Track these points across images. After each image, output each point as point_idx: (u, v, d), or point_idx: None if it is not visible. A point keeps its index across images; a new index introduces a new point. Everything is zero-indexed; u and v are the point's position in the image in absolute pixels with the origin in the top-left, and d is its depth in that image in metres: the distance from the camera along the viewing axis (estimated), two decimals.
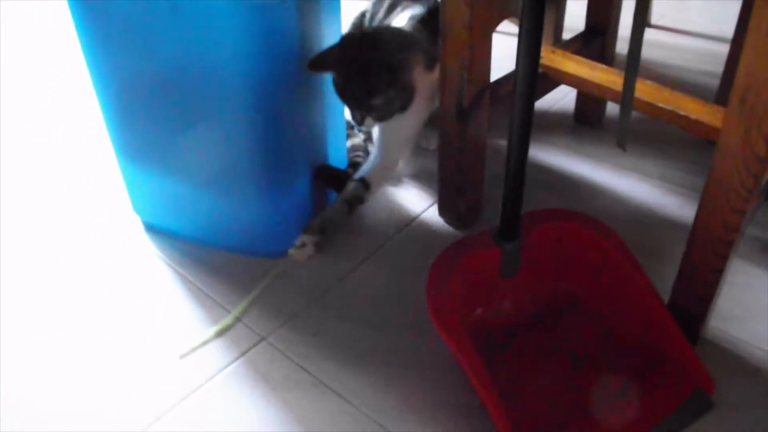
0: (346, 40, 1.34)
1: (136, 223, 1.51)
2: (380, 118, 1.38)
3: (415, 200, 1.57)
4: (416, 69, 1.38)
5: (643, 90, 1.36)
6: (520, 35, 0.98)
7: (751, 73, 0.93)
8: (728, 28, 1.62)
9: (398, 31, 1.43)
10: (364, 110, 1.36)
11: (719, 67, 1.67)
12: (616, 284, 1.19)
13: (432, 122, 1.63)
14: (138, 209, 1.49)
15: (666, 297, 1.17)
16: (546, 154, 1.71)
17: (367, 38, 1.37)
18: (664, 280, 1.17)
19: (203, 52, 1.17)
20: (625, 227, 1.22)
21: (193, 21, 1.13)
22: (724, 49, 1.64)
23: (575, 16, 1.90)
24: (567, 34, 1.87)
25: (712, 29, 2.44)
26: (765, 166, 0.97)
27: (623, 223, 1.26)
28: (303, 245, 1.39)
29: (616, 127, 1.13)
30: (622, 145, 1.17)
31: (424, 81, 1.41)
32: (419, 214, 1.52)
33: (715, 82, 1.73)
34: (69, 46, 2.12)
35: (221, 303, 1.30)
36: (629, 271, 1.15)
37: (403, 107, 1.38)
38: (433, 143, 1.68)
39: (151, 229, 1.49)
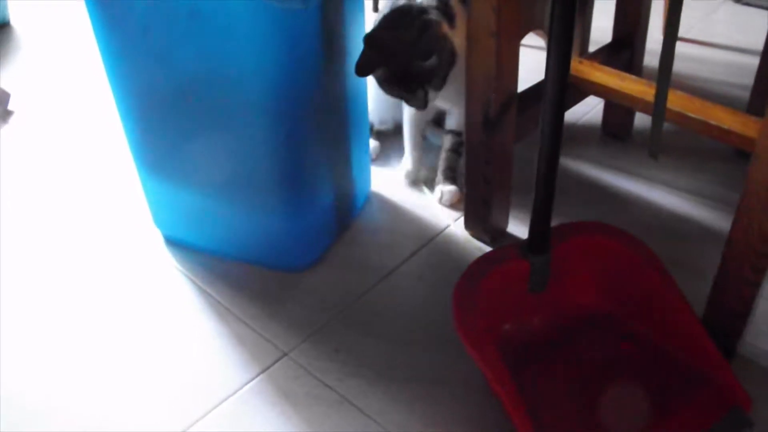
0: (370, 40, 1.32)
1: (157, 237, 1.49)
2: (438, 84, 1.39)
3: (440, 213, 1.54)
4: (442, 25, 1.37)
5: (674, 100, 1.33)
6: (549, 42, 0.96)
7: None
8: (755, 41, 1.60)
9: (402, 7, 1.41)
10: (422, 86, 1.36)
11: (748, 79, 1.65)
12: (649, 299, 1.16)
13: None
14: (159, 223, 1.48)
15: (699, 312, 1.13)
16: (574, 167, 1.68)
17: (385, 25, 1.38)
18: (697, 294, 1.14)
19: (223, 60, 1.15)
20: (655, 240, 1.19)
21: (212, 27, 1.12)
22: (752, 61, 1.61)
23: (600, 31, 1.89)
24: (592, 48, 1.85)
25: (739, 41, 2.41)
26: None
27: (653, 237, 1.23)
28: (449, 192, 1.55)
29: (649, 137, 1.10)
30: (654, 155, 1.14)
31: (454, 36, 1.40)
32: (445, 228, 1.49)
33: (744, 94, 1.70)
34: (89, 56, 2.14)
35: (242, 317, 1.28)
36: (662, 286, 1.12)
37: (451, 62, 1.39)
38: (447, 197, 1.60)
39: (172, 242, 1.48)
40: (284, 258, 1.37)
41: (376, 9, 2.20)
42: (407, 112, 1.62)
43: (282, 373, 1.18)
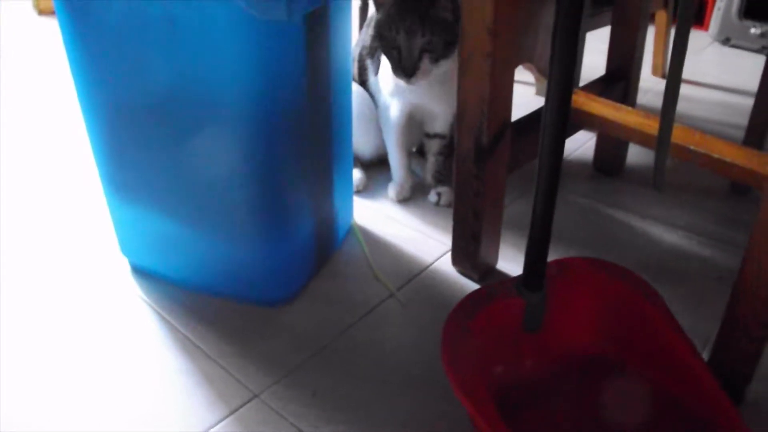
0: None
1: (123, 265, 1.41)
2: (439, 52, 1.41)
3: (426, 248, 1.47)
4: None
5: (675, 133, 1.26)
6: (551, 67, 0.91)
7: None
8: (742, 80, 1.57)
9: None
10: (425, 47, 1.39)
11: (738, 118, 1.64)
12: (651, 341, 1.08)
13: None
14: (125, 250, 1.39)
15: (704, 354, 1.06)
16: (566, 202, 1.62)
17: None
18: (698, 334, 1.08)
19: (200, 75, 1.07)
20: (651, 278, 1.12)
21: (190, 38, 1.05)
22: (740, 100, 1.59)
23: (588, 68, 1.87)
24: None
25: (727, 81, 2.44)
26: None
27: (649, 275, 1.16)
28: (445, 192, 1.61)
29: (653, 169, 1.04)
30: (659, 187, 1.07)
31: None
32: (431, 264, 1.41)
33: (734, 132, 1.69)
34: (58, 73, 2.08)
35: (210, 354, 1.19)
36: (666, 327, 1.05)
37: (453, 42, 1.40)
38: (445, 198, 1.62)
39: (139, 271, 1.39)
40: (259, 292, 1.28)
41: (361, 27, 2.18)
42: (392, 132, 1.59)
43: (252, 416, 1.08)
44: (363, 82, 1.66)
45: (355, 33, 1.35)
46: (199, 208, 1.21)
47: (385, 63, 1.52)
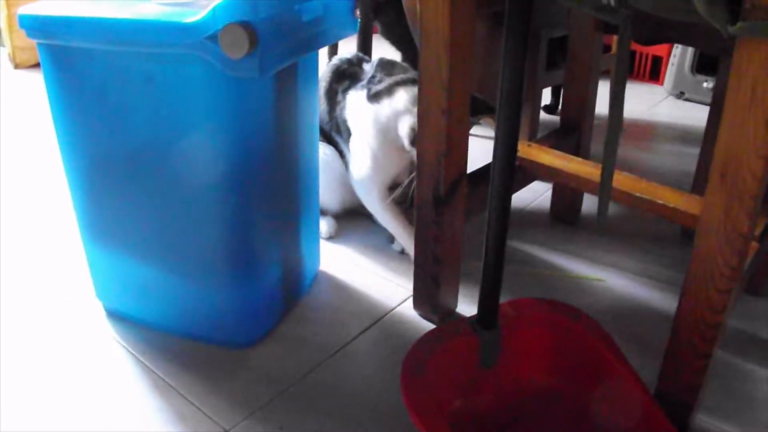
0: None
1: (98, 309, 1.45)
2: None
3: (389, 293, 1.52)
4: None
5: (621, 181, 1.35)
6: (497, 123, 0.97)
7: (730, 147, 0.92)
8: (695, 132, 1.65)
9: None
10: None
11: (689, 166, 1.69)
12: (600, 376, 1.14)
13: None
14: (101, 294, 1.43)
15: (651, 388, 1.12)
16: (523, 250, 1.69)
17: None
18: (648, 371, 1.13)
19: (176, 128, 1.14)
20: (604, 321, 1.19)
21: (167, 94, 1.12)
22: (692, 150, 1.67)
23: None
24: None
25: (680, 132, 2.51)
26: (748, 242, 0.95)
27: (602, 317, 1.23)
28: None
29: (597, 210, 1.11)
30: (601, 226, 1.15)
31: None
32: (393, 308, 1.47)
33: (686, 179, 1.76)
34: (40, 120, 2.12)
35: (183, 393, 1.23)
36: (613, 363, 1.11)
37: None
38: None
39: (114, 315, 1.43)
40: (229, 334, 1.33)
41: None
42: (380, 206, 1.64)
43: None
44: (332, 143, 1.72)
45: None
46: (172, 254, 1.27)
47: (354, 149, 1.60)
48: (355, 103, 1.60)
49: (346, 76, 1.65)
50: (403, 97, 1.53)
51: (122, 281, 1.37)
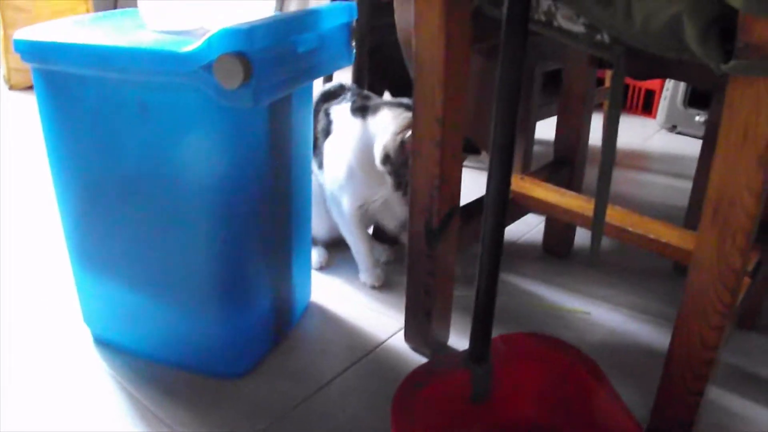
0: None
1: (86, 336, 1.43)
2: None
3: (379, 325, 1.51)
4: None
5: (614, 215, 1.35)
6: (491, 157, 0.97)
7: (723, 184, 0.92)
8: (687, 165, 1.66)
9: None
10: None
11: (682, 201, 1.70)
12: (592, 412, 1.13)
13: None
14: (89, 321, 1.42)
15: (644, 425, 1.11)
16: (516, 283, 1.69)
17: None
18: (640, 407, 1.12)
19: (169, 156, 1.14)
20: (597, 355, 1.18)
21: (161, 122, 1.12)
22: (685, 184, 1.67)
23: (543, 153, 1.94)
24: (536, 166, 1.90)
25: (673, 166, 2.53)
26: (741, 279, 0.95)
27: (594, 352, 1.22)
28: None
29: (590, 245, 1.11)
30: (594, 262, 1.15)
31: None
32: (385, 340, 1.46)
33: (679, 213, 1.76)
34: (32, 145, 2.12)
35: (171, 424, 1.21)
36: (605, 399, 1.10)
37: None
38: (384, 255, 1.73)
39: (101, 342, 1.41)
40: (218, 364, 1.32)
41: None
42: (349, 224, 1.64)
43: None
44: None
45: None
46: (163, 282, 1.26)
47: (329, 155, 1.60)
48: (338, 115, 1.60)
49: (334, 96, 1.65)
50: (386, 116, 1.53)
51: (111, 308, 1.36)
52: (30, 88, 3.19)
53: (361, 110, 1.56)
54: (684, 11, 0.88)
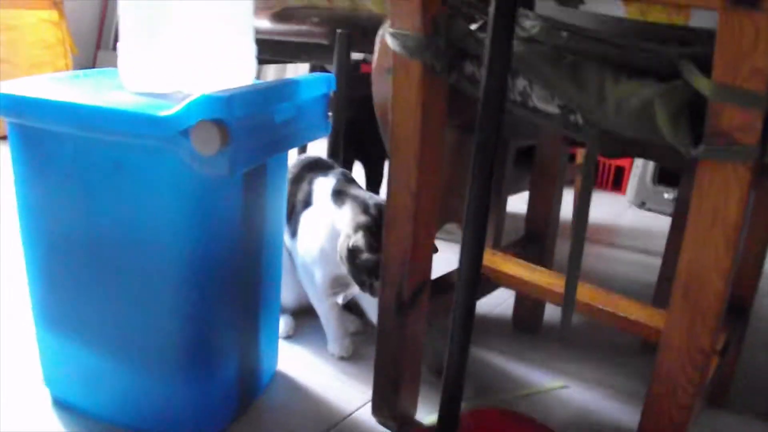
0: (372, 228, 1.47)
1: (45, 397, 1.39)
2: None
3: (347, 397, 1.49)
4: None
5: (584, 292, 1.36)
6: (464, 233, 0.98)
7: (692, 266, 0.93)
8: (656, 242, 1.68)
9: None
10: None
11: (651, 277, 1.73)
12: None
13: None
14: (49, 381, 1.38)
15: None
16: (484, 358, 1.68)
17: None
18: None
19: (140, 219, 1.13)
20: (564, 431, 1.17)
21: (134, 183, 1.12)
22: (654, 261, 1.69)
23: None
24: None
25: (643, 242, 2.56)
26: (709, 358, 0.96)
27: (564, 430, 1.21)
28: None
29: (561, 321, 1.12)
30: (563, 338, 1.15)
31: None
32: (351, 413, 1.44)
33: (648, 290, 1.78)
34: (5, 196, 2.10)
35: None
36: None
37: None
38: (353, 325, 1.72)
39: (61, 404, 1.37)
40: (181, 431, 1.28)
41: None
42: (319, 295, 1.63)
43: None
44: None
45: None
46: (127, 345, 1.24)
47: (305, 227, 1.60)
48: (320, 189, 1.59)
49: (319, 168, 1.65)
50: (347, 213, 1.52)
51: (73, 369, 1.33)
52: (4, 137, 3.17)
53: (338, 195, 1.56)
54: (655, 96, 0.90)
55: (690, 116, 0.90)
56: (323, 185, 1.59)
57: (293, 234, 1.62)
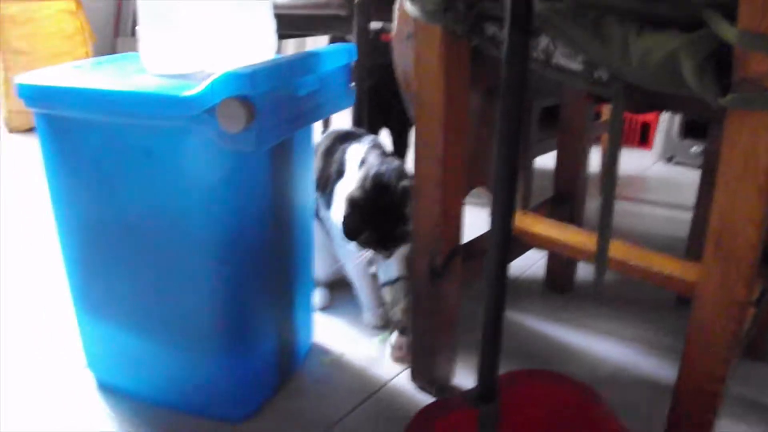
0: (355, 205, 1.46)
1: (89, 381, 1.42)
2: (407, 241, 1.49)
3: (384, 365, 1.51)
4: None
5: (616, 249, 1.34)
6: (493, 194, 0.98)
7: (725, 216, 0.93)
8: (685, 196, 1.66)
9: (380, 172, 1.49)
10: (396, 244, 1.49)
11: (682, 231, 1.72)
12: None
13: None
14: (92, 365, 1.41)
15: None
16: (518, 320, 1.68)
17: (367, 191, 1.48)
18: None
19: (173, 199, 1.15)
20: (603, 390, 1.17)
21: (165, 166, 1.13)
22: (684, 215, 1.68)
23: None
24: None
25: (672, 197, 2.54)
26: (746, 309, 0.95)
27: (601, 387, 1.21)
28: (400, 348, 1.52)
29: (594, 280, 1.11)
30: (598, 296, 1.15)
31: None
32: (389, 380, 1.45)
33: (679, 245, 1.78)
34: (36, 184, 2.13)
35: None
36: None
37: None
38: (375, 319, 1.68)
39: (105, 387, 1.40)
40: (222, 408, 1.31)
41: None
42: (355, 267, 1.63)
43: None
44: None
45: None
46: (166, 326, 1.26)
47: (340, 196, 1.58)
48: (352, 157, 1.59)
49: (350, 137, 1.65)
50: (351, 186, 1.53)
51: (114, 352, 1.35)
52: (30, 130, 3.22)
53: (362, 163, 1.56)
54: (680, 47, 0.89)
55: (716, 66, 0.89)
56: (354, 153, 1.59)
57: (328, 205, 1.63)
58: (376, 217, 1.46)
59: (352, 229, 1.46)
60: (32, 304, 1.74)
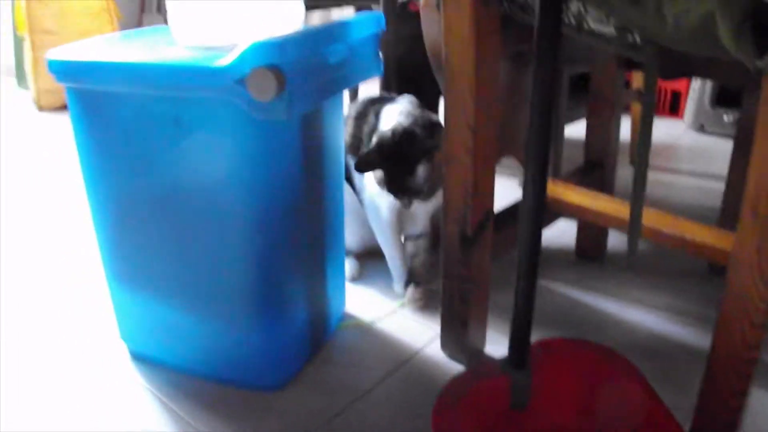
0: (384, 140, 1.48)
1: (123, 351, 1.44)
2: (424, 198, 1.53)
3: (414, 334, 1.51)
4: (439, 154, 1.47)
5: (649, 217, 1.34)
6: (526, 162, 0.97)
7: (761, 182, 0.91)
8: (717, 166, 1.64)
9: (411, 129, 1.49)
10: (408, 194, 1.50)
11: (713, 201, 1.69)
12: (633, 417, 1.12)
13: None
14: (125, 336, 1.43)
15: (686, 427, 1.10)
16: (550, 288, 1.68)
17: (397, 140, 1.48)
18: (682, 410, 1.11)
19: (204, 169, 1.15)
20: (634, 358, 1.17)
21: (195, 135, 1.13)
22: (715, 184, 1.66)
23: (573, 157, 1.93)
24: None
25: (702, 166, 2.51)
26: None
27: (633, 355, 1.21)
28: (418, 299, 1.61)
29: (627, 249, 1.10)
30: (631, 266, 1.14)
31: None
32: (420, 349, 1.46)
33: (710, 215, 1.75)
34: (66, 163, 2.16)
35: None
36: (647, 403, 1.09)
37: (437, 186, 1.51)
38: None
39: (139, 357, 1.43)
40: (255, 377, 1.32)
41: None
42: (385, 230, 1.63)
43: None
44: (347, 178, 1.72)
45: None
46: (198, 296, 1.27)
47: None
48: (387, 116, 1.58)
49: (383, 100, 1.65)
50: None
51: (147, 323, 1.37)
52: (59, 108, 3.25)
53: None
54: (716, 8, 0.87)
55: (753, 27, 0.87)
56: (390, 113, 1.58)
57: None
58: (391, 160, 1.47)
59: (365, 161, 1.47)
60: (66, 278, 1.77)
